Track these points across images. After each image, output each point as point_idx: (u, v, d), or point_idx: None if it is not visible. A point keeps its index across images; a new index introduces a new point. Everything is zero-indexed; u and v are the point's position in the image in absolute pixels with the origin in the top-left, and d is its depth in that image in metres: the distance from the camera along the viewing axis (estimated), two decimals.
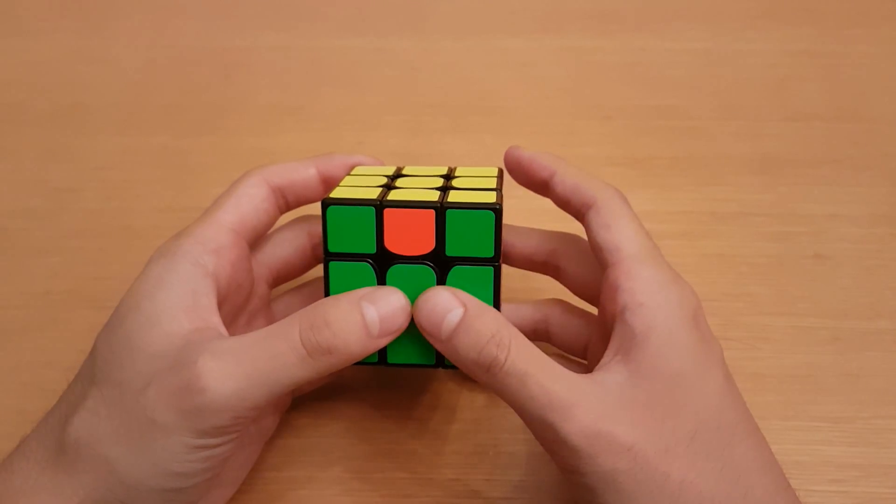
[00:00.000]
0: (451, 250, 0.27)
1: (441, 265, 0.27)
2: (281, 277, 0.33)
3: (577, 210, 0.30)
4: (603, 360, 0.27)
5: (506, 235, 0.33)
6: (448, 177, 0.30)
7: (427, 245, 0.27)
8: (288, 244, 0.33)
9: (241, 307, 0.31)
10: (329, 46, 0.55)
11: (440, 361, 0.28)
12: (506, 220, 0.29)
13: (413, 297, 0.27)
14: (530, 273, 0.34)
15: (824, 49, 0.53)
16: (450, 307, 0.26)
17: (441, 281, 0.27)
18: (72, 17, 0.57)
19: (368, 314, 0.26)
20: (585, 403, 0.24)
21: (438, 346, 0.26)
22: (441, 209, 0.27)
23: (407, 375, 0.36)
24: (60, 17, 0.57)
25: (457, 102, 0.50)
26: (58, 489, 0.25)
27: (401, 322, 0.26)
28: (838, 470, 0.33)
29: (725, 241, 0.42)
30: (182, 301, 0.26)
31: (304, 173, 0.31)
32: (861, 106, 0.49)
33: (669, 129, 0.48)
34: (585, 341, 0.33)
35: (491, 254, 0.27)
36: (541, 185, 0.31)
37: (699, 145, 0.47)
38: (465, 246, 0.27)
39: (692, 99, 0.50)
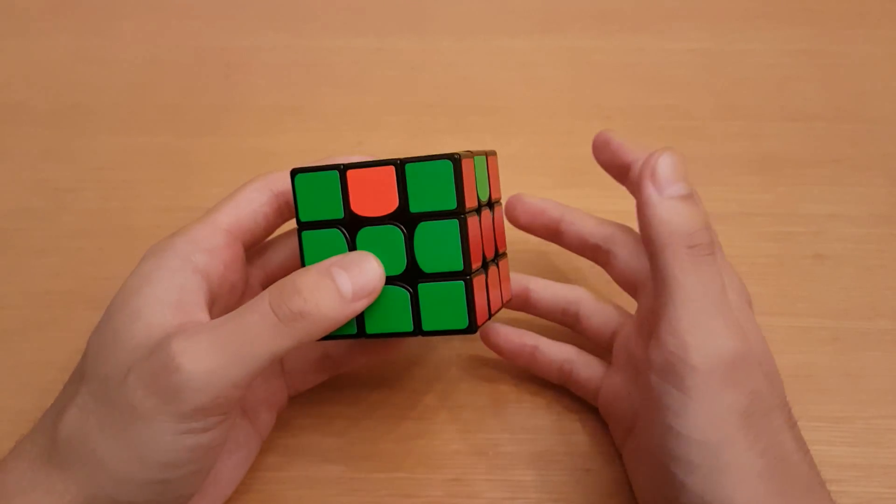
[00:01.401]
0: (414, 206, 0.27)
1: (407, 223, 0.28)
2: (275, 281, 0.33)
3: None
4: None
5: (563, 214, 0.34)
6: None
7: (391, 204, 0.28)
8: (286, 249, 0.33)
9: (232, 308, 0.31)
10: (329, 46, 0.55)
11: (418, 328, 0.28)
12: None
13: (384, 260, 0.27)
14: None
15: (824, 49, 0.53)
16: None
17: (409, 240, 0.28)
18: (72, 17, 0.57)
19: (339, 278, 0.26)
20: None
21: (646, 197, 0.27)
22: (400, 165, 0.27)
23: (407, 375, 0.36)
24: (60, 17, 0.57)
25: (457, 102, 0.50)
26: (51, 487, 0.25)
27: (375, 283, 0.27)
28: (838, 470, 0.33)
29: (725, 241, 0.41)
30: (167, 295, 0.26)
31: None
32: (861, 106, 0.49)
33: (669, 129, 0.48)
34: (613, 330, 0.33)
35: (454, 205, 0.27)
36: (621, 169, 0.32)
37: (699, 145, 0.47)
38: (427, 200, 0.27)
39: (692, 99, 0.50)
